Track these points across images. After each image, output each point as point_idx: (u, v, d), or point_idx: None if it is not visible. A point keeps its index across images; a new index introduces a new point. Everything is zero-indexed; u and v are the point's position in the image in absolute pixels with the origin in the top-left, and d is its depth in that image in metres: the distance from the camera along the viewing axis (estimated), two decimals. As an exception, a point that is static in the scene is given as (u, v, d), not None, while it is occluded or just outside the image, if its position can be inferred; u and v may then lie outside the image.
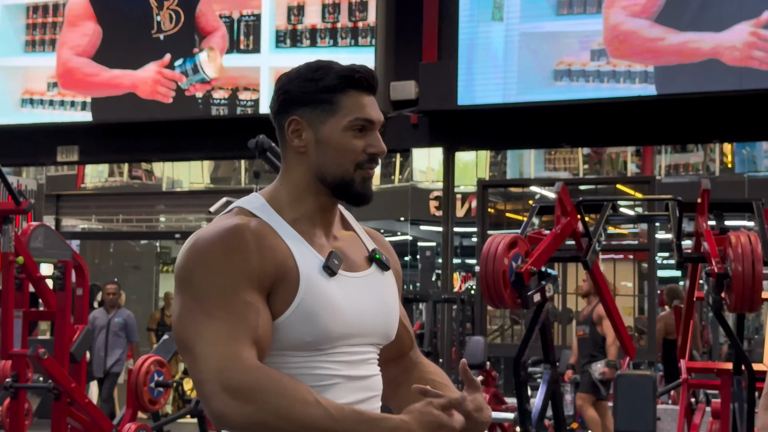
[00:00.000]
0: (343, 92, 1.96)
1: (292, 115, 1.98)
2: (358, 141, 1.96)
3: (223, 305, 1.84)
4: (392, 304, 2.06)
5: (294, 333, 1.89)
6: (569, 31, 9.12)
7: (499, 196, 12.68)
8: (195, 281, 1.87)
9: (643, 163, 14.72)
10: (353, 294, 1.96)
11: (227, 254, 1.86)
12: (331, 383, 1.92)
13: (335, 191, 1.97)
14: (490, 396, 7.35)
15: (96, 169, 14.23)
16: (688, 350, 5.86)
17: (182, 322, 1.87)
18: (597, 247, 5.01)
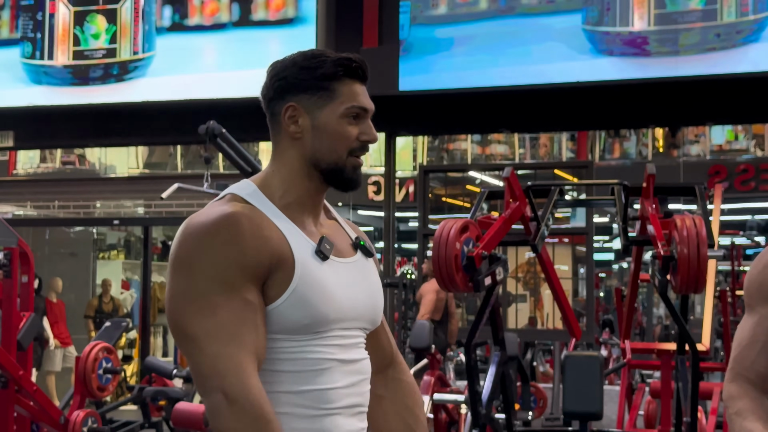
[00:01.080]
0: (340, 80, 2.02)
1: (288, 102, 2.02)
2: (352, 128, 2.02)
3: (225, 301, 1.87)
4: (378, 289, 2.13)
5: (290, 317, 1.93)
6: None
7: (437, 180, 12.78)
8: (195, 268, 1.89)
9: (578, 148, 14.96)
10: (344, 279, 2.02)
11: (226, 243, 1.89)
12: (326, 367, 1.97)
13: (327, 177, 2.02)
14: (435, 379, 7.41)
15: (27, 155, 14.02)
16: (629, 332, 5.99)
17: (181, 308, 1.90)
18: (545, 231, 5.10)
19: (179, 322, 1.90)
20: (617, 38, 8.76)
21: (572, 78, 8.96)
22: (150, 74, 10.28)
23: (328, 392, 1.97)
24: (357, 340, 2.06)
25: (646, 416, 7.31)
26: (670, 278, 4.54)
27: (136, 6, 10.37)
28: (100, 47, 10.48)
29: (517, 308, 10.71)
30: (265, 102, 2.08)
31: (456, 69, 9.29)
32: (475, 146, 15.61)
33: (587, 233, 9.29)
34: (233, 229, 1.90)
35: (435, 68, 9.37)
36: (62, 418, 5.86)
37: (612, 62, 8.82)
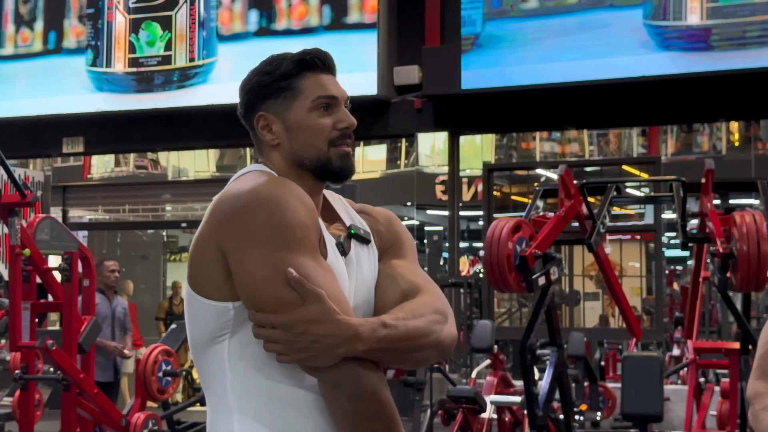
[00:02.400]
0: (300, 75, 2.00)
1: (258, 112, 2.02)
2: (325, 119, 2.00)
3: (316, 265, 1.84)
4: (372, 283, 2.04)
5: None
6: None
7: (504, 179, 12.67)
8: (276, 234, 1.82)
9: (649, 144, 14.71)
10: (350, 273, 1.98)
11: (300, 207, 1.85)
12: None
13: (316, 173, 1.99)
14: (498, 379, 7.33)
15: (102, 160, 14.25)
16: (695, 330, 5.85)
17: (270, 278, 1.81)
18: (601, 229, 5.00)
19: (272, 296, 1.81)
20: (679, 32, 8.58)
21: (638, 73, 8.81)
22: (212, 80, 10.37)
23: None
24: None
25: (718, 417, 7.15)
26: (729, 276, 4.42)
27: (192, 13, 10.46)
28: (154, 54, 10.61)
29: (583, 307, 10.56)
30: (241, 119, 2.07)
31: (520, 65, 9.20)
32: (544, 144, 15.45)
33: (655, 230, 9.11)
34: (299, 192, 1.87)
35: (500, 65, 9.29)
36: (123, 420, 5.92)
37: (677, 56, 8.64)
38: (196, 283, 1.90)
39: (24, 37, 11.29)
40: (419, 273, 2.06)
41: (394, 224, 2.13)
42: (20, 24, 11.31)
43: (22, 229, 5.60)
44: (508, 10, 9.31)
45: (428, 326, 1.92)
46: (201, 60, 10.41)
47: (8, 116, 11.04)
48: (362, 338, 1.81)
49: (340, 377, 1.81)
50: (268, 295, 1.80)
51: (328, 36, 9.84)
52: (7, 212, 5.51)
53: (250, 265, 1.82)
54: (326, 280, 1.83)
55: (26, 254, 5.58)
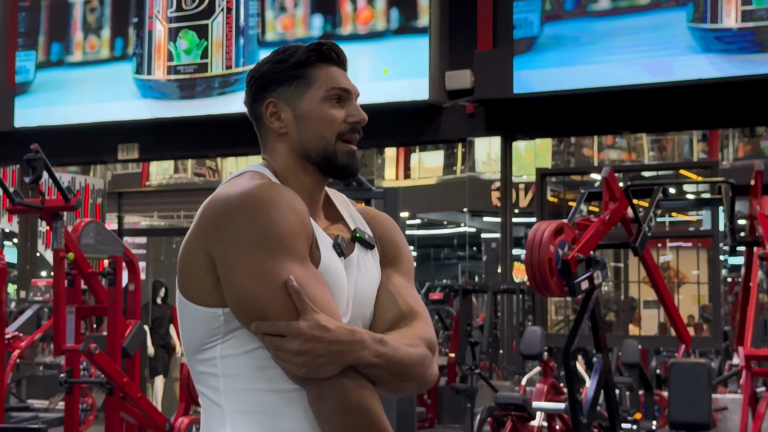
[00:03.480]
0: (315, 65, 1.95)
1: (267, 99, 1.96)
2: (336, 111, 1.94)
3: (305, 272, 1.78)
4: (374, 290, 1.98)
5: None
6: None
7: (560, 184, 12.52)
8: (268, 241, 1.76)
9: (709, 149, 14.47)
10: (349, 277, 1.92)
11: (288, 213, 1.79)
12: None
13: (320, 166, 1.94)
14: (548, 386, 7.23)
15: (161, 167, 14.38)
16: (747, 337, 5.69)
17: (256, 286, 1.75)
18: (648, 232, 4.89)
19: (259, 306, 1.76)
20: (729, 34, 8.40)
21: (695, 75, 8.63)
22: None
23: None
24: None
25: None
26: (779, 281, 4.28)
27: (229, 21, 10.51)
28: (191, 62, 10.67)
29: (640, 313, 10.38)
30: (248, 108, 2.01)
31: (574, 68, 9.07)
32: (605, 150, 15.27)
33: (713, 236, 8.91)
34: (291, 197, 1.82)
35: (553, 68, 9.17)
36: (167, 425, 5.92)
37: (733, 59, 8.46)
38: (186, 288, 1.86)
39: (92, 45, 11.44)
40: (416, 295, 2.01)
41: (397, 235, 2.07)
42: (88, 31, 11.49)
43: (66, 233, 5.63)
44: (563, 13, 9.19)
45: (421, 359, 1.87)
46: (240, 67, 10.43)
47: (71, 123, 11.17)
48: (366, 346, 1.77)
49: (325, 389, 1.76)
50: (257, 306, 1.76)
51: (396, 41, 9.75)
52: (52, 216, 5.55)
53: (237, 274, 1.77)
54: (317, 290, 1.78)
55: (70, 258, 5.61)
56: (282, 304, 1.74)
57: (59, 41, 11.53)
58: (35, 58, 11.59)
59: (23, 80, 11.59)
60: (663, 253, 11.22)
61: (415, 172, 16.76)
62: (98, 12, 11.44)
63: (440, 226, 17.69)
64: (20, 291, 11.96)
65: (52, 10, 11.62)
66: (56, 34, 11.56)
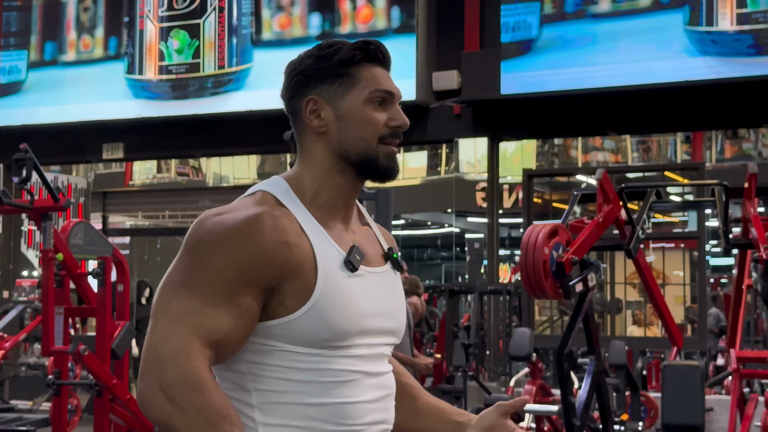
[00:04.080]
0: (359, 65, 1.90)
1: (308, 96, 1.90)
2: (379, 114, 1.90)
3: (209, 296, 1.74)
4: (402, 303, 2.00)
5: (309, 330, 1.80)
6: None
7: (545, 185, 12.53)
8: (199, 256, 1.77)
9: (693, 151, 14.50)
10: (371, 290, 1.89)
11: (240, 243, 1.76)
12: (350, 379, 1.84)
13: (359, 169, 1.90)
14: (536, 388, 7.23)
15: (144, 166, 14.29)
16: (738, 339, 5.70)
17: (167, 284, 1.78)
18: (641, 234, 4.89)
19: (158, 295, 1.78)
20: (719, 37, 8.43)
21: (681, 77, 8.66)
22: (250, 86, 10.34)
23: (350, 406, 1.82)
24: (381, 352, 1.92)
25: (763, 427, 6.99)
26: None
27: (221, 21, 10.46)
28: (182, 62, 10.62)
29: (625, 315, 10.41)
30: (285, 102, 1.96)
31: (560, 70, 9.08)
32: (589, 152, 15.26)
33: (699, 237, 8.94)
34: (254, 228, 1.77)
35: (540, 70, 9.18)
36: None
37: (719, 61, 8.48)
38: None
39: (85, 44, 11.38)
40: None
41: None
42: (82, 31, 11.42)
43: (55, 233, 5.58)
44: (556, 15, 9.19)
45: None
46: (234, 67, 10.38)
47: (54, 122, 11.09)
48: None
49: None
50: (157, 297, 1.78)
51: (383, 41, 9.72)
52: (41, 217, 5.50)
53: (171, 267, 1.80)
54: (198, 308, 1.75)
55: (59, 259, 5.56)
56: (173, 343, 1.71)
57: (53, 40, 11.47)
58: (27, 57, 11.51)
59: (13, 80, 11.51)
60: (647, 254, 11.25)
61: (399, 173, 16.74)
62: (92, 11, 11.38)
63: (424, 226, 17.69)
64: (3, 291, 11.88)
65: (46, 10, 11.56)
66: (50, 34, 11.50)
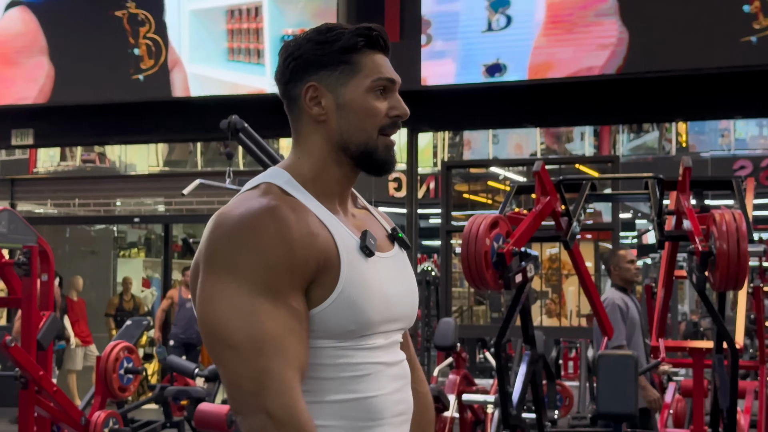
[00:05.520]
0: (362, 52, 1.84)
1: (308, 82, 1.83)
2: (380, 103, 1.84)
3: (272, 308, 1.66)
4: (414, 285, 1.97)
5: (335, 321, 1.74)
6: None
7: (458, 177, 12.65)
8: (238, 268, 1.67)
9: (600, 143, 14.82)
10: (386, 276, 1.84)
11: (273, 241, 1.67)
12: (371, 372, 1.79)
13: (358, 160, 1.84)
14: (460, 378, 7.30)
15: (48, 153, 13.99)
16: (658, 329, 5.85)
17: (222, 313, 1.67)
18: (577, 227, 4.97)
19: (219, 329, 1.67)
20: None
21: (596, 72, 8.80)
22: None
23: (376, 400, 1.79)
24: (396, 340, 1.89)
25: (675, 415, 7.19)
26: (708, 275, 4.39)
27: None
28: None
29: (542, 305, 10.58)
30: (281, 86, 1.88)
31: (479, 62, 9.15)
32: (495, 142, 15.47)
33: (613, 229, 9.13)
34: (280, 224, 1.69)
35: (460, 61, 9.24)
36: (83, 419, 5.77)
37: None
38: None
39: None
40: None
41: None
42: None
43: (-21, 221, 5.43)
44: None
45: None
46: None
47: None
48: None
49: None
50: (219, 336, 1.68)
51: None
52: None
53: (209, 298, 1.69)
54: (278, 330, 1.67)
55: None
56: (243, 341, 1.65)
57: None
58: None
59: None
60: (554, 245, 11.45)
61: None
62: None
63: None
64: None
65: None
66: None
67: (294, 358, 1.66)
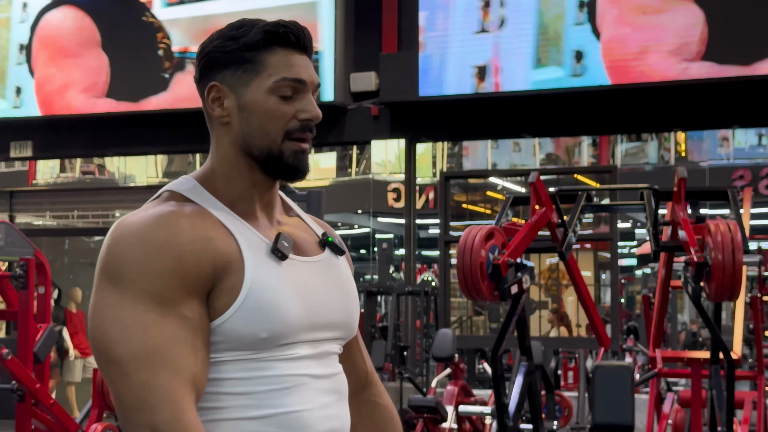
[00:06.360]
0: (268, 49, 1.72)
1: (211, 81, 1.73)
2: (286, 105, 1.71)
3: (159, 319, 1.57)
4: (353, 293, 1.84)
5: (243, 331, 1.63)
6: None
7: (457, 187, 12.66)
8: (124, 278, 1.58)
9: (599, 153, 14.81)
10: (308, 281, 1.73)
11: (162, 248, 1.59)
12: (295, 384, 1.68)
13: (264, 165, 1.73)
14: (458, 389, 7.29)
15: (47, 165, 13.99)
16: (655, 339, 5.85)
17: (105, 325, 1.58)
18: (572, 237, 4.97)
19: (101, 343, 1.58)
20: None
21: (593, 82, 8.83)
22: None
23: (299, 415, 1.66)
24: (330, 350, 1.77)
25: (674, 425, 7.18)
26: (703, 285, 4.40)
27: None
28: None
29: (540, 315, 10.58)
30: (197, 87, 1.78)
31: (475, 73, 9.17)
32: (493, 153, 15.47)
33: (611, 239, 9.12)
34: (169, 230, 1.60)
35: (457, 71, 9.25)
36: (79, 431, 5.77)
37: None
38: None
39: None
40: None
41: (347, 252, 1.92)
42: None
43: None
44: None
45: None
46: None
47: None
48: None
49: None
50: (102, 347, 1.59)
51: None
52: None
53: (91, 309, 1.62)
54: (164, 340, 1.57)
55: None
56: (124, 355, 1.56)
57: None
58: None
59: None
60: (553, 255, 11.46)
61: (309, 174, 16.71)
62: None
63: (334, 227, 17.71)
64: None
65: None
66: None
67: (183, 369, 1.56)
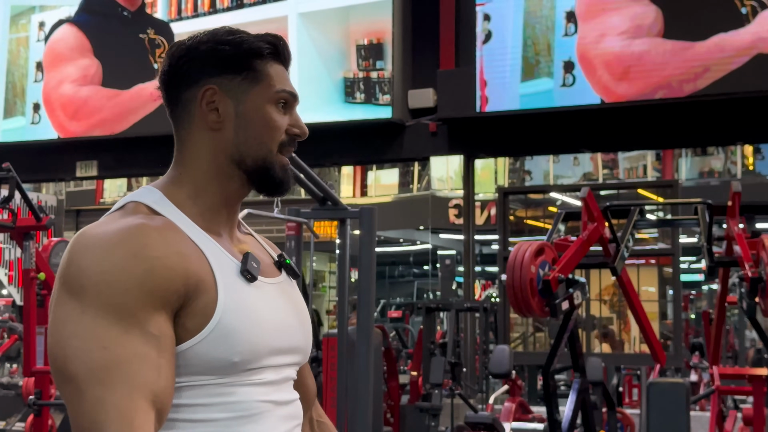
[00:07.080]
0: (266, 60, 1.70)
1: (206, 85, 1.66)
2: (282, 118, 1.70)
3: (120, 334, 1.47)
4: (306, 315, 1.79)
5: (215, 354, 1.56)
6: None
7: (518, 202, 12.61)
8: (86, 290, 1.48)
9: (663, 168, 14.66)
10: (273, 303, 1.68)
11: (130, 260, 1.49)
12: (259, 411, 1.62)
13: (252, 176, 1.68)
14: (516, 405, 7.25)
15: (115, 184, 14.25)
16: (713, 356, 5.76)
17: (62, 340, 1.49)
18: (625, 252, 4.93)
19: (58, 360, 1.48)
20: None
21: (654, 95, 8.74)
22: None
23: None
24: (289, 376, 1.72)
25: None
26: (758, 301, 4.33)
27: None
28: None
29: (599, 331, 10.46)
30: (170, 89, 1.70)
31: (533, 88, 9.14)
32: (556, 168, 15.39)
33: (673, 254, 9.01)
34: (138, 243, 1.51)
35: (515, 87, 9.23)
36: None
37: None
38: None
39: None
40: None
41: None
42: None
43: (36, 252, 5.55)
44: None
45: None
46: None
47: (23, 140, 11.03)
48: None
49: None
50: (59, 363, 1.49)
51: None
52: (23, 236, 5.46)
53: (50, 323, 1.53)
54: (124, 356, 1.47)
55: (41, 278, 5.52)
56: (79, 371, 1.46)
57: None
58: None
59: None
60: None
61: (371, 190, 16.79)
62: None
63: (395, 243, 17.75)
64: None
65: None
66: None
67: (141, 387, 1.45)
